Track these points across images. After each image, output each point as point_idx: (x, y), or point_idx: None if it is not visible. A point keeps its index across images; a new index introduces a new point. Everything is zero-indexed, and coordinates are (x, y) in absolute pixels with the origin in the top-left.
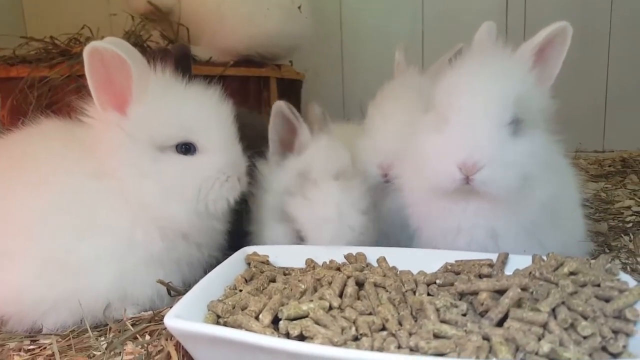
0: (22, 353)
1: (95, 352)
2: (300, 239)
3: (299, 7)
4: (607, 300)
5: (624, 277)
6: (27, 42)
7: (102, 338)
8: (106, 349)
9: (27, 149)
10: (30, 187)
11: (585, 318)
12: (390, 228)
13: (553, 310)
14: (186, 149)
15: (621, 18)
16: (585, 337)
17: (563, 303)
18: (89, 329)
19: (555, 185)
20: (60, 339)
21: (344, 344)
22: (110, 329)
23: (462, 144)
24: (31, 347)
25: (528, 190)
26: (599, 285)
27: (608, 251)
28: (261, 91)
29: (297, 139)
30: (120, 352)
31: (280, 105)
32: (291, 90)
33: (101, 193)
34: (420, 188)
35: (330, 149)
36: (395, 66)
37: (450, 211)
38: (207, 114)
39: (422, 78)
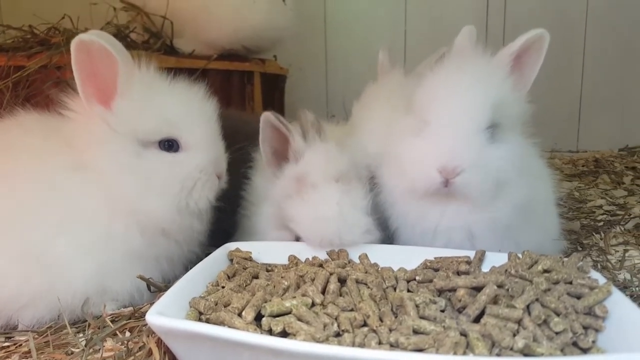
0: None
1: (73, 349)
2: None
3: (284, 0)
4: (578, 297)
5: (595, 274)
6: (4, 30)
7: (81, 334)
8: (85, 345)
9: (4, 141)
10: (7, 179)
11: (558, 314)
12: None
13: (527, 306)
14: (169, 145)
15: (596, 22)
16: (557, 333)
17: (537, 300)
18: (67, 325)
19: (531, 187)
20: (37, 336)
21: (326, 340)
22: (89, 325)
23: (442, 149)
24: (6, 344)
25: (504, 193)
26: (571, 283)
27: (580, 249)
28: (245, 86)
29: (290, 147)
30: (99, 349)
31: (267, 116)
32: (275, 85)
33: (80, 186)
34: (400, 189)
35: (328, 153)
36: (379, 67)
37: (428, 213)
38: (192, 111)
39: (406, 79)
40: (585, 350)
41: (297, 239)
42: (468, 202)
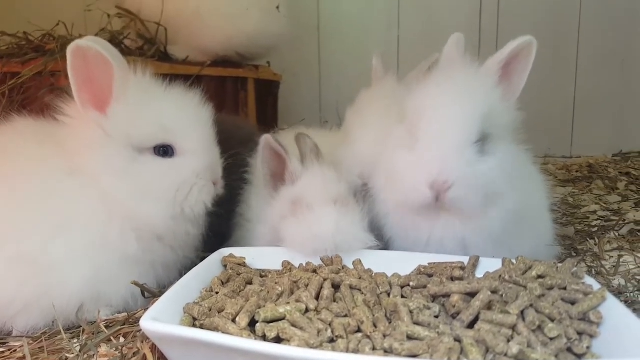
0: None
1: (68, 355)
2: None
3: (278, 7)
4: (572, 303)
5: (589, 280)
6: None
7: (75, 340)
8: (80, 351)
9: (0, 146)
10: (2, 184)
11: (552, 320)
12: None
13: (522, 312)
14: (164, 151)
15: (590, 28)
16: (551, 339)
17: (531, 306)
18: (62, 330)
19: (524, 194)
20: (31, 342)
21: (320, 346)
22: (83, 330)
23: (432, 164)
24: (1, 349)
25: (496, 203)
26: (565, 289)
27: (574, 255)
28: (238, 92)
29: (287, 169)
30: (94, 355)
31: (267, 138)
32: (268, 92)
33: (76, 192)
34: (392, 202)
35: (325, 177)
36: (373, 73)
37: (420, 224)
38: (187, 117)
39: (400, 86)
40: (579, 356)
41: None
42: (460, 214)
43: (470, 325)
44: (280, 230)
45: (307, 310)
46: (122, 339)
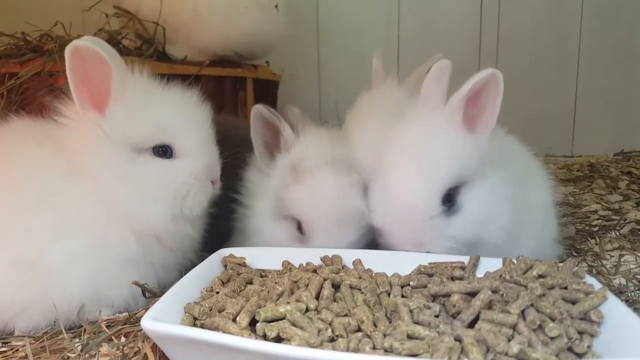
0: None
1: (69, 354)
2: (300, 232)
3: (276, 6)
4: (573, 303)
5: (590, 280)
6: None
7: (77, 340)
8: (81, 351)
9: None
10: (1, 186)
11: (553, 320)
12: None
13: (522, 312)
14: (163, 151)
15: (591, 27)
16: (552, 338)
17: (532, 305)
18: (63, 330)
19: (519, 204)
20: (33, 341)
21: (320, 345)
22: (84, 330)
23: (402, 234)
24: (3, 349)
25: (485, 232)
26: (566, 288)
27: (575, 254)
28: (237, 92)
29: (282, 137)
30: (95, 354)
31: (258, 108)
32: (267, 92)
33: (75, 193)
34: (385, 223)
35: (320, 139)
36: (373, 74)
37: (417, 242)
38: (186, 117)
39: (400, 89)
40: (580, 356)
41: (299, 226)
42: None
43: (471, 325)
44: (285, 199)
45: (307, 310)
46: (123, 339)
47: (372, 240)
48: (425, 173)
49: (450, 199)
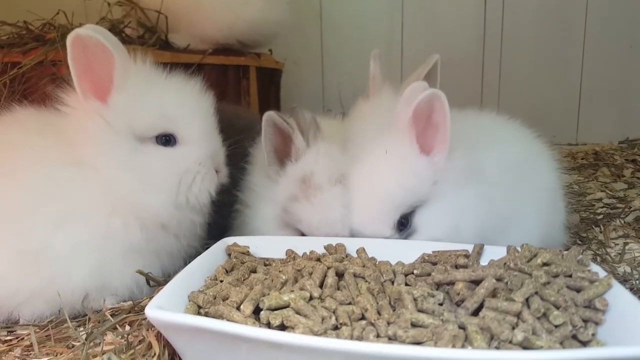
0: None
1: (74, 343)
2: None
3: None
4: (578, 291)
5: (595, 268)
6: None
7: (81, 328)
8: (86, 339)
9: (1, 137)
10: (5, 176)
11: (557, 308)
12: None
13: (527, 300)
14: (166, 140)
15: (596, 14)
16: (556, 326)
17: (536, 293)
18: (68, 319)
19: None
20: (38, 330)
21: (324, 333)
22: (89, 319)
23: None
24: (8, 337)
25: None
26: (570, 276)
27: (580, 242)
28: (240, 80)
29: (293, 145)
30: (100, 343)
31: (271, 115)
32: (270, 80)
33: (78, 182)
34: None
35: (330, 153)
36: (370, 79)
37: None
38: (188, 105)
39: (397, 99)
40: (584, 343)
41: (302, 235)
42: None
43: (475, 313)
44: (291, 212)
45: (311, 298)
46: (127, 327)
47: None
48: (376, 205)
49: (405, 223)
